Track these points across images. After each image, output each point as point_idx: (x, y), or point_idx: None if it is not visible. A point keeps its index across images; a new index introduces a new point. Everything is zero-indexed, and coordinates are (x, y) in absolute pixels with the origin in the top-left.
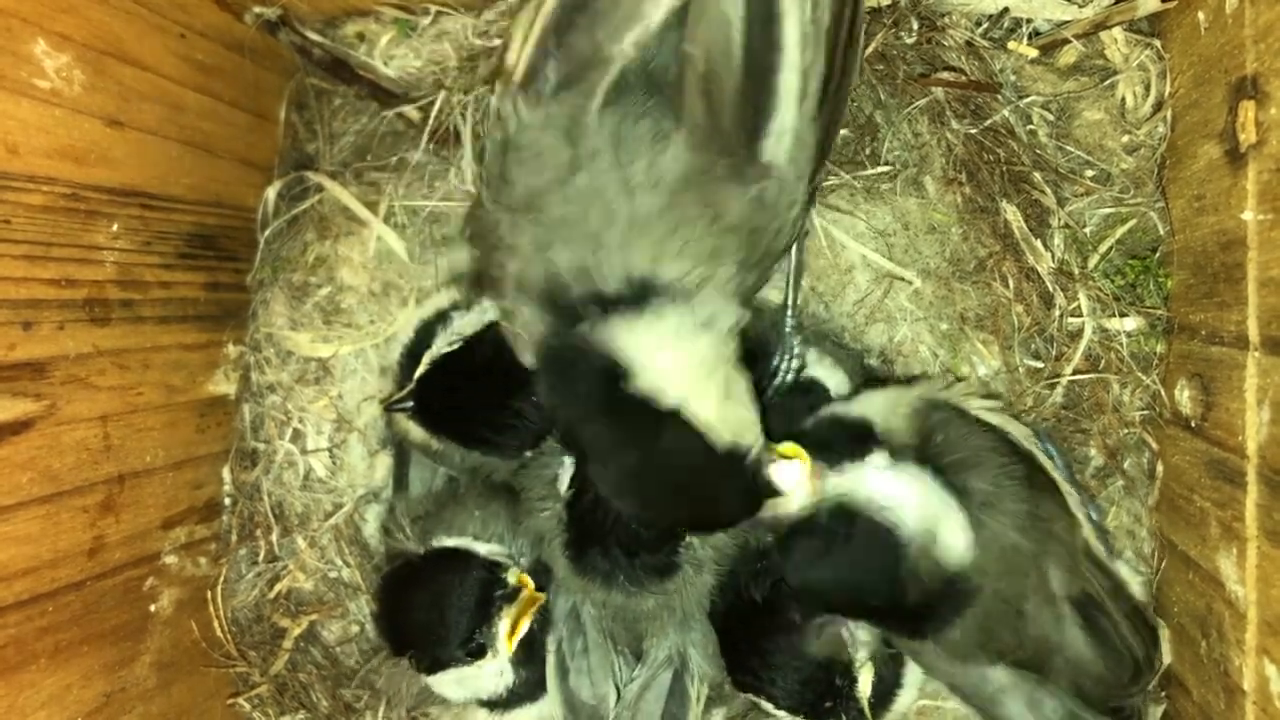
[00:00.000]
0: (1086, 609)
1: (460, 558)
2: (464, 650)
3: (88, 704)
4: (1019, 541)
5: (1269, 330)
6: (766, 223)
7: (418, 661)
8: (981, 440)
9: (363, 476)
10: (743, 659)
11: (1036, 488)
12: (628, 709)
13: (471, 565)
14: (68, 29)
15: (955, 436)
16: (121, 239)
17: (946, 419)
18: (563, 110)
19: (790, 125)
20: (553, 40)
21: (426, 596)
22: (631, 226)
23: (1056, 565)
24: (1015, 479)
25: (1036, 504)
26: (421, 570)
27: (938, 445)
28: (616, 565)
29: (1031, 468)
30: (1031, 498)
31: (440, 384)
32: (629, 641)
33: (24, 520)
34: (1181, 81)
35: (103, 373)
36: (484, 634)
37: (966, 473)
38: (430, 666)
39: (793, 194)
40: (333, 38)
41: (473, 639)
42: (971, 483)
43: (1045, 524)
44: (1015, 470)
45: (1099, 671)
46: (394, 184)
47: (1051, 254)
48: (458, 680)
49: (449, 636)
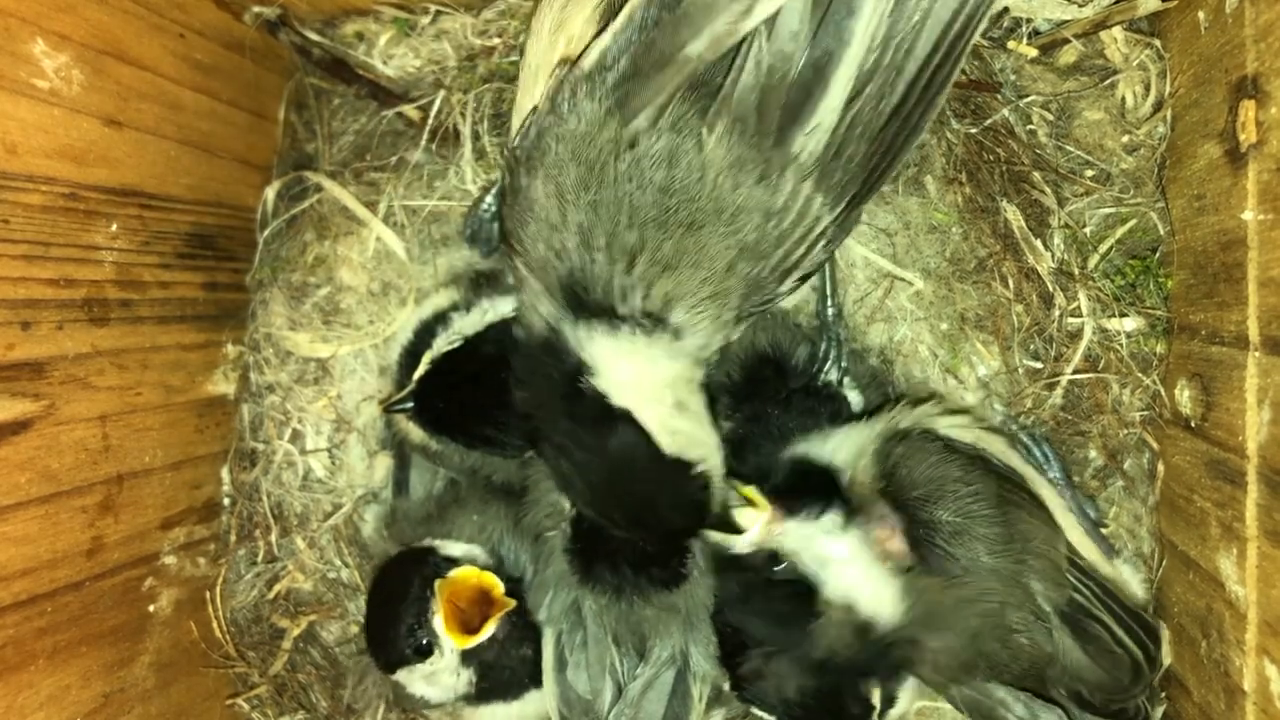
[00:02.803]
0: (1075, 617)
1: (419, 557)
2: (410, 649)
3: (86, 704)
4: (995, 564)
5: (1269, 330)
6: (782, 234)
7: (375, 661)
8: (945, 469)
9: (362, 477)
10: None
11: (1011, 505)
12: (630, 706)
13: (423, 563)
14: (66, 29)
15: (917, 471)
16: (120, 239)
17: (907, 453)
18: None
19: (828, 123)
20: (636, 34)
21: (378, 597)
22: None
23: (1039, 579)
24: (983, 500)
25: (1010, 523)
26: (383, 571)
27: (899, 481)
28: (624, 579)
29: (1008, 485)
30: (1004, 518)
31: (440, 384)
32: (632, 640)
33: (23, 520)
34: (1181, 81)
35: (101, 373)
36: (424, 630)
37: (931, 506)
38: (386, 666)
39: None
40: (332, 37)
41: (414, 636)
42: (937, 515)
43: (1021, 542)
44: (983, 492)
45: (1097, 677)
46: (393, 184)
47: (1051, 254)
48: (423, 679)
49: (391, 635)
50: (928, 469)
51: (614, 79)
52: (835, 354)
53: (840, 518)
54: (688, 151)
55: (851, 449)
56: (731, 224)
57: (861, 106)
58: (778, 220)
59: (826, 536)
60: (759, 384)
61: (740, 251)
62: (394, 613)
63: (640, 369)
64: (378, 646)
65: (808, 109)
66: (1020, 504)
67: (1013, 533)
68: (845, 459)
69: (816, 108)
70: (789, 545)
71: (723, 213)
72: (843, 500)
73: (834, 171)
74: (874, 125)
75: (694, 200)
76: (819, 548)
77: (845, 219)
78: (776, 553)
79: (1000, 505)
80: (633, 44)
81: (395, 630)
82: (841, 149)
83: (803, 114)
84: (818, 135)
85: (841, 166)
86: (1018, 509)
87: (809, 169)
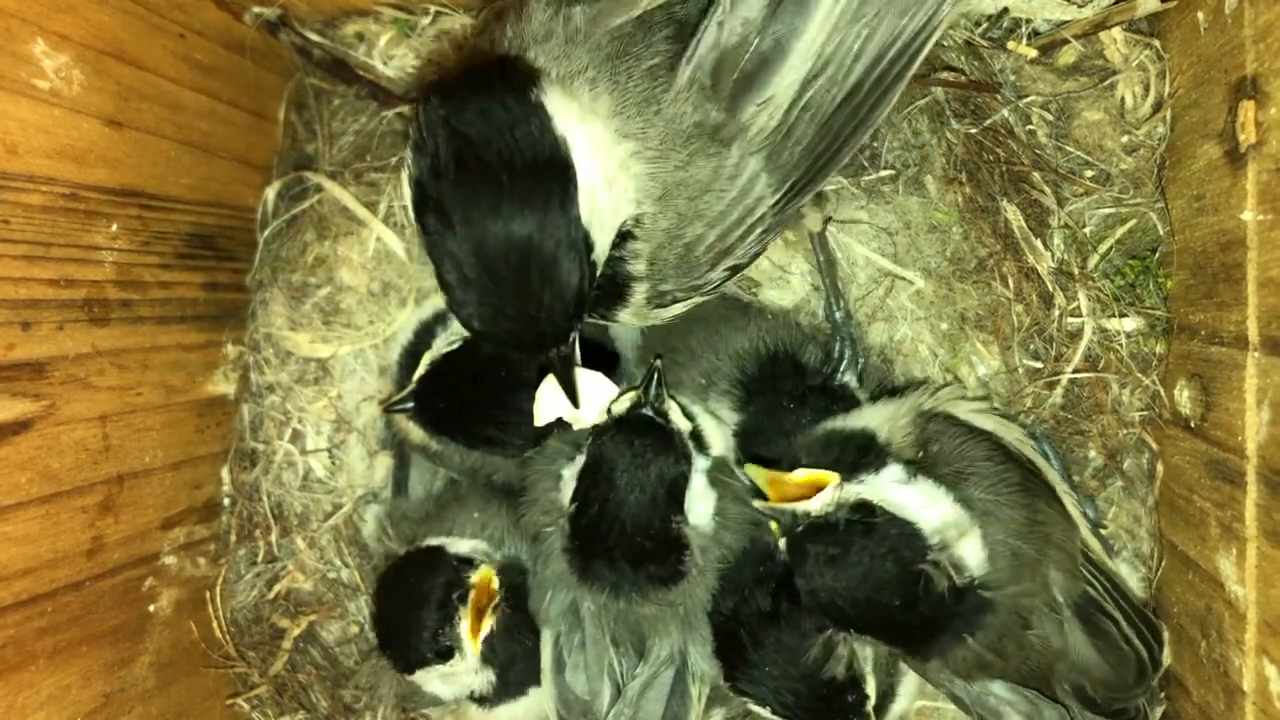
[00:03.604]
0: (1088, 612)
1: (432, 557)
2: (432, 651)
3: (87, 704)
4: (1020, 548)
5: (1269, 330)
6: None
7: (393, 662)
8: (976, 449)
9: (362, 477)
10: (744, 665)
11: (1033, 493)
12: (629, 706)
13: (439, 565)
14: (66, 29)
15: (950, 447)
16: (120, 239)
17: (940, 429)
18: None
19: (783, 99)
20: None
21: (396, 598)
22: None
23: (1056, 569)
24: (1011, 485)
25: (1034, 510)
26: (396, 571)
27: (934, 456)
28: (623, 576)
29: (1026, 472)
30: (1029, 504)
31: (440, 385)
32: (631, 639)
33: (23, 520)
34: (1181, 81)
35: (102, 373)
36: (448, 635)
37: (964, 483)
38: (405, 667)
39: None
40: (332, 37)
41: (437, 640)
42: (970, 493)
43: (1043, 529)
44: (1011, 477)
45: (1104, 674)
46: (393, 184)
47: (1051, 254)
48: (440, 678)
49: (415, 639)
50: (964, 446)
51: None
52: (850, 354)
53: (900, 470)
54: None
55: (882, 417)
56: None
57: (816, 89)
58: (719, 194)
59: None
60: (775, 379)
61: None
62: (417, 618)
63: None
64: (398, 649)
65: (762, 79)
66: (1039, 493)
67: (1036, 519)
68: (879, 425)
69: (771, 80)
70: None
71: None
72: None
73: (781, 152)
74: (825, 111)
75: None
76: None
77: (785, 206)
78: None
79: (1025, 492)
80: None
81: (418, 635)
82: (792, 130)
83: (756, 84)
84: (770, 109)
85: (789, 149)
86: (1037, 497)
87: (758, 145)
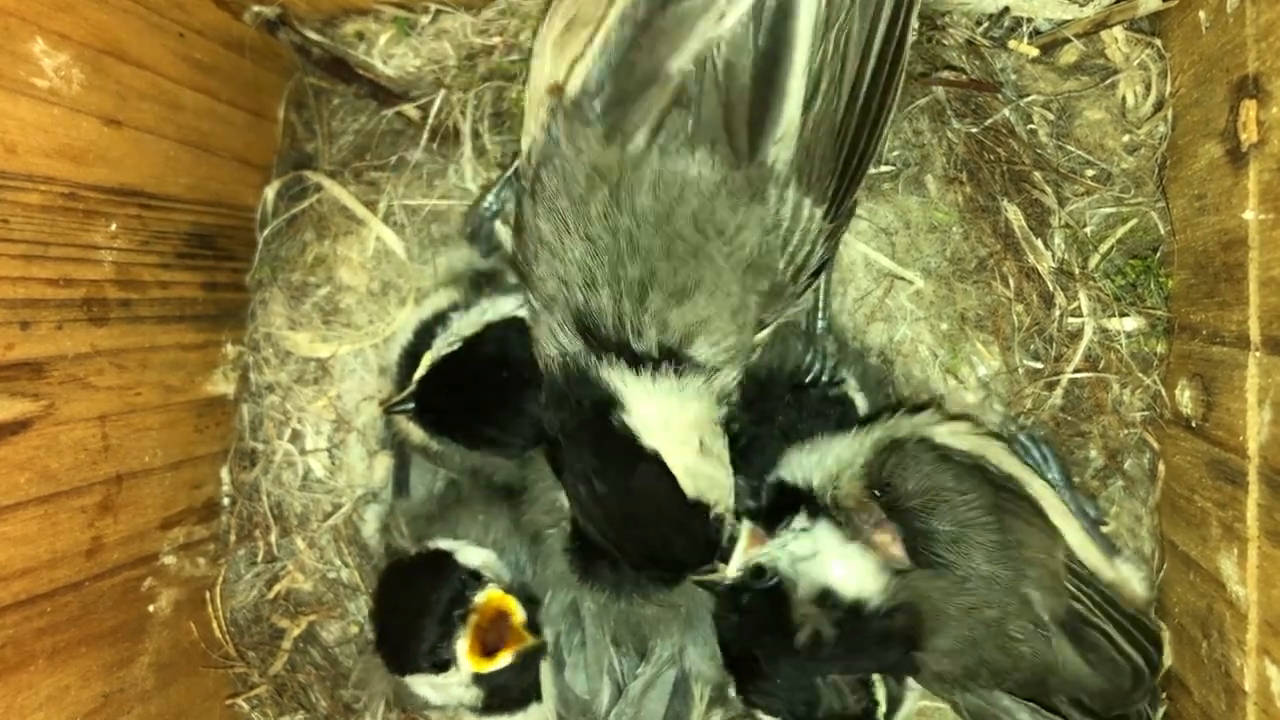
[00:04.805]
0: (1075, 626)
1: (441, 564)
2: (428, 662)
3: (86, 705)
4: (993, 571)
5: (1270, 330)
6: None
7: (387, 661)
8: (940, 478)
9: (362, 477)
10: (757, 679)
11: (1007, 514)
12: (631, 706)
13: (448, 575)
14: (66, 28)
15: (911, 482)
16: (120, 238)
17: (900, 462)
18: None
19: (793, 130)
20: (614, 56)
21: (400, 600)
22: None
23: (1036, 587)
24: (978, 508)
25: (1006, 531)
26: (404, 571)
27: (894, 492)
28: (624, 577)
29: (1001, 494)
30: (1000, 526)
31: (440, 385)
32: (632, 640)
33: (22, 521)
34: (1182, 81)
35: (101, 373)
36: (446, 649)
37: (927, 516)
38: (398, 669)
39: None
40: (332, 37)
41: (435, 653)
42: (934, 524)
43: (1018, 549)
44: (979, 502)
45: (1097, 685)
46: (393, 183)
47: (1052, 253)
48: (431, 686)
49: (413, 645)
50: (922, 479)
51: (601, 105)
52: (821, 367)
53: (805, 518)
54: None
55: (835, 461)
56: (734, 243)
57: (819, 106)
58: (775, 230)
59: (794, 538)
60: (769, 385)
61: (748, 269)
62: (417, 627)
63: (669, 410)
64: (394, 653)
65: (770, 119)
66: (1017, 513)
67: (1010, 540)
68: (828, 472)
69: (779, 117)
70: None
71: (724, 233)
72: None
73: (810, 172)
74: (835, 120)
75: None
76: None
77: (836, 211)
78: (761, 566)
79: (997, 513)
80: (613, 66)
81: (416, 644)
82: (811, 149)
83: (766, 125)
84: (786, 143)
85: (816, 166)
86: (1015, 518)
87: (787, 176)
